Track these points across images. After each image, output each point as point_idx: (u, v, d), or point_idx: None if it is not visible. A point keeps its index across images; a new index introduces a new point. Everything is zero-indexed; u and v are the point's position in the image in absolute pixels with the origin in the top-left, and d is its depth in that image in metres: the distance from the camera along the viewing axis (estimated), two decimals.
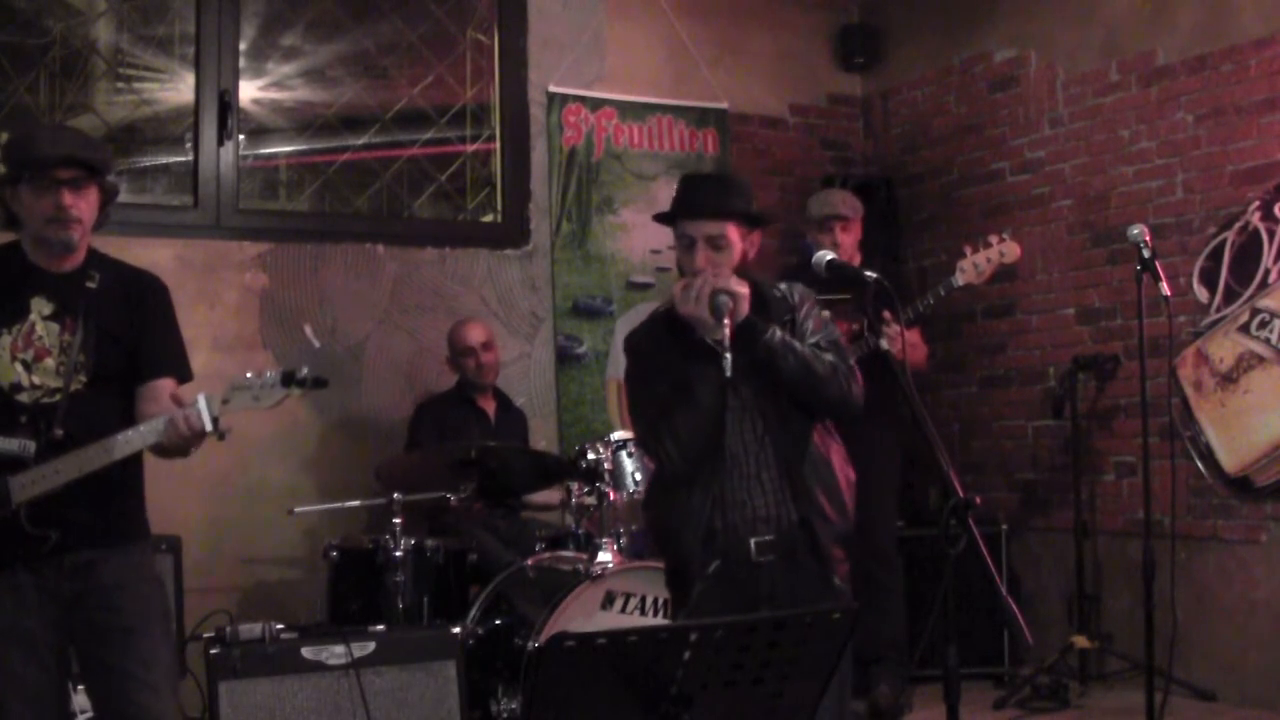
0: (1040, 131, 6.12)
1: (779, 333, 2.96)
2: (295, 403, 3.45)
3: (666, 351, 3.07)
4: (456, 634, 4.14)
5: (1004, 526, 5.79)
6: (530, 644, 4.21)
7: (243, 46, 5.62)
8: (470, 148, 6.19)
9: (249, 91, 5.69)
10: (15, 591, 2.95)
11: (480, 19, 6.21)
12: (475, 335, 5.39)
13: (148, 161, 5.67)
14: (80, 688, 3.68)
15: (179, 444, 2.92)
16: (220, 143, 5.43)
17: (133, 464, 3.06)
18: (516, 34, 6.19)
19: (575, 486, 4.79)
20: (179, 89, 5.55)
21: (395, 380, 5.72)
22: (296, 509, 4.95)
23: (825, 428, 3.12)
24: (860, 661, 4.89)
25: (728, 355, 2.79)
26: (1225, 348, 5.24)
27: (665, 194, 6.42)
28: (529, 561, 4.63)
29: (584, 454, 4.69)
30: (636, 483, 4.75)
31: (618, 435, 4.86)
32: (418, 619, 4.52)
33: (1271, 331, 5.09)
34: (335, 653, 3.90)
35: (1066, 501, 5.81)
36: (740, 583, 2.95)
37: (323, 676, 3.88)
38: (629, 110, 6.41)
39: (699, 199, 3.08)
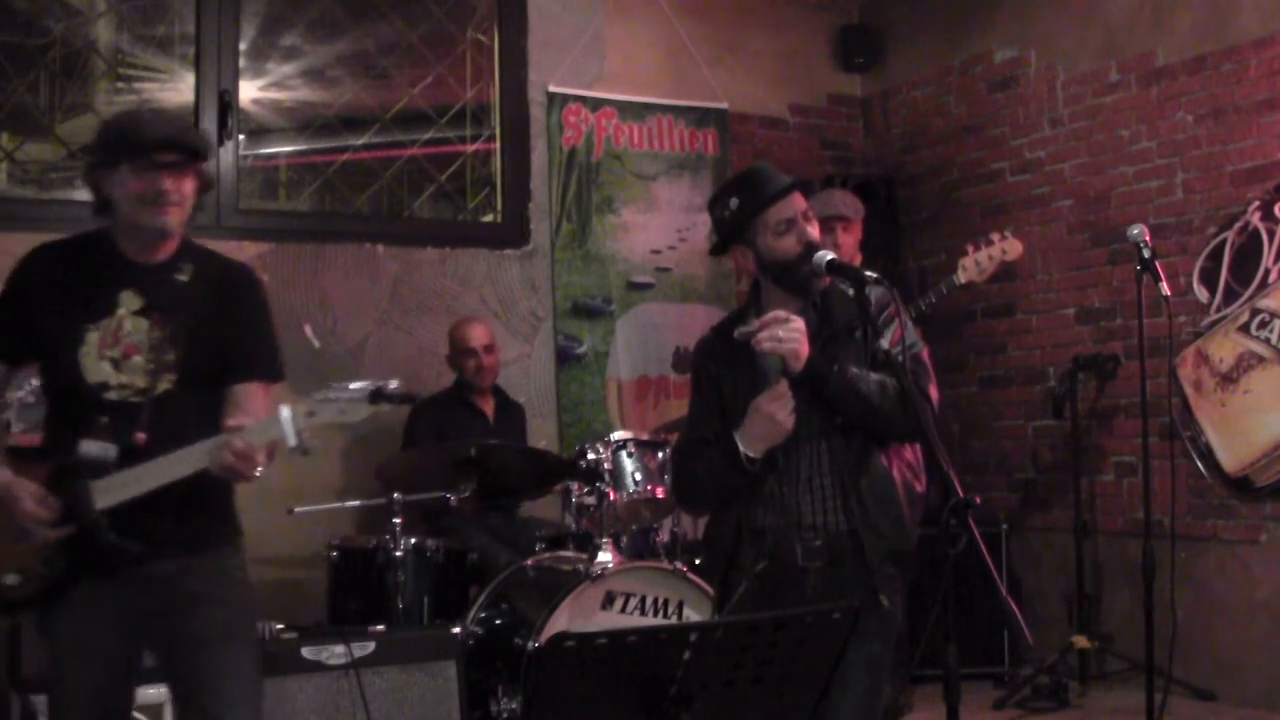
0: (1040, 131, 6.12)
1: (841, 375, 2.80)
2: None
3: (722, 367, 2.99)
4: (456, 634, 4.14)
5: (1004, 526, 5.79)
6: (530, 644, 4.21)
7: (243, 46, 5.62)
8: (470, 148, 6.20)
9: (249, 91, 5.69)
10: (90, 604, 2.80)
11: (480, 19, 6.21)
12: (478, 337, 5.37)
13: None
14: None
15: (227, 474, 2.72)
16: (220, 143, 5.43)
17: None
18: (516, 34, 6.20)
19: (575, 486, 4.79)
20: (179, 89, 5.55)
21: (395, 380, 5.70)
22: (296, 509, 4.94)
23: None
24: None
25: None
26: (1225, 348, 5.24)
27: (665, 194, 6.48)
28: (529, 561, 4.63)
29: (584, 454, 4.68)
30: (637, 483, 4.74)
31: (618, 435, 4.86)
32: (418, 619, 4.52)
33: (1271, 331, 5.09)
34: (335, 653, 3.90)
35: (1066, 501, 5.81)
36: (785, 585, 2.88)
37: (323, 676, 3.88)
38: (629, 110, 6.41)
39: (780, 179, 2.95)
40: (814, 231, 2.92)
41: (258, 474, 2.73)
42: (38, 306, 2.86)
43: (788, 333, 2.77)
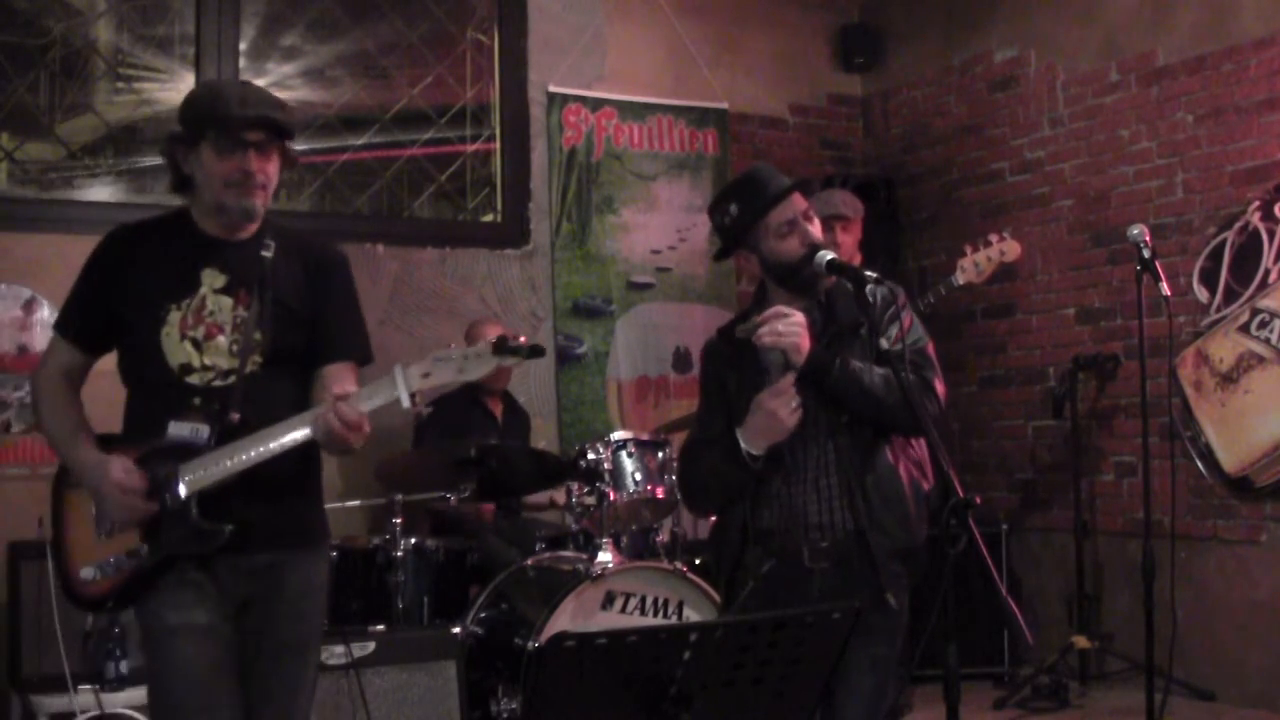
0: (1040, 131, 6.12)
1: (843, 367, 2.81)
2: None
3: (727, 370, 3.00)
4: (456, 634, 4.14)
5: (1004, 526, 5.79)
6: (530, 644, 4.21)
7: (243, 46, 5.62)
8: (470, 148, 6.20)
9: None
10: (188, 587, 2.64)
11: (480, 19, 6.22)
12: None
13: (148, 161, 5.67)
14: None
15: (335, 443, 2.59)
16: None
17: (315, 456, 2.78)
18: (516, 34, 6.20)
19: (575, 486, 4.79)
20: (179, 89, 5.55)
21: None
22: None
23: (902, 438, 2.97)
24: None
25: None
26: (1225, 348, 5.24)
27: (665, 194, 6.48)
28: (529, 561, 4.63)
29: (584, 454, 4.68)
30: (637, 483, 4.74)
31: (618, 435, 4.86)
32: (418, 619, 4.52)
33: (1271, 331, 5.09)
34: (335, 653, 3.90)
35: (1066, 501, 5.81)
36: (791, 586, 2.88)
37: (323, 677, 3.86)
38: (629, 110, 6.41)
39: (779, 181, 2.94)
40: (816, 230, 2.91)
41: (359, 445, 2.62)
42: (117, 289, 2.73)
43: (787, 326, 2.78)
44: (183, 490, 2.61)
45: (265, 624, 2.73)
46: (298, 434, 2.59)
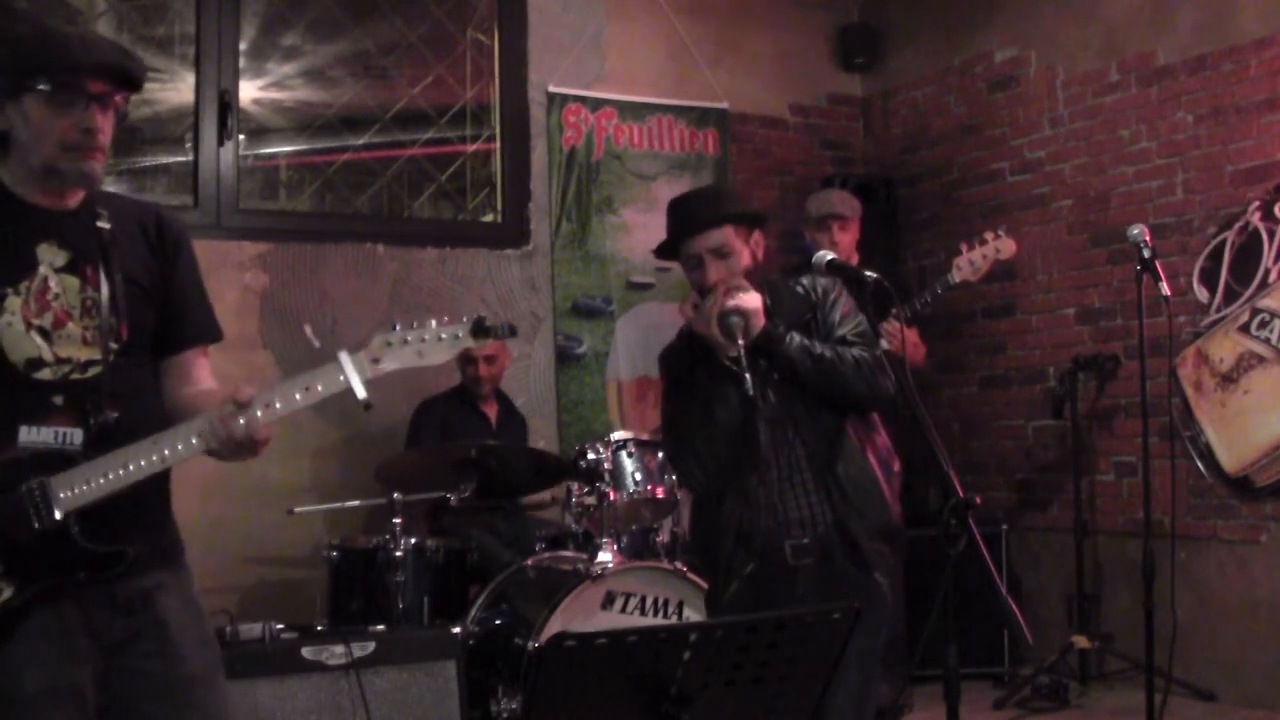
0: (1040, 131, 6.12)
1: (796, 339, 2.93)
2: None
3: (693, 370, 3.06)
4: (456, 634, 4.14)
5: (1004, 526, 5.79)
6: (530, 644, 4.21)
7: (243, 46, 5.62)
8: (470, 148, 6.20)
9: (249, 91, 5.69)
10: (61, 638, 2.24)
11: (480, 19, 6.21)
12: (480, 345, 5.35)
13: (148, 161, 5.68)
14: None
15: (228, 452, 2.27)
16: (220, 143, 5.43)
17: None
18: (516, 34, 6.19)
19: (575, 486, 4.79)
20: (179, 89, 5.55)
21: (395, 380, 5.62)
22: (296, 509, 4.95)
23: (863, 420, 3.06)
24: None
25: (747, 375, 2.81)
26: (1225, 348, 5.24)
27: (665, 194, 6.44)
28: (529, 561, 4.64)
29: (584, 454, 4.69)
30: (637, 483, 4.74)
31: (618, 435, 4.86)
32: (418, 619, 4.53)
33: (1271, 331, 5.08)
34: (335, 653, 3.90)
35: (1066, 501, 5.81)
36: (776, 585, 2.93)
37: (323, 676, 3.88)
38: (629, 110, 6.41)
39: (690, 214, 3.05)
40: (715, 274, 2.98)
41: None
42: None
43: (748, 293, 2.92)
44: (58, 510, 2.21)
45: (162, 660, 2.33)
46: (193, 440, 2.26)
